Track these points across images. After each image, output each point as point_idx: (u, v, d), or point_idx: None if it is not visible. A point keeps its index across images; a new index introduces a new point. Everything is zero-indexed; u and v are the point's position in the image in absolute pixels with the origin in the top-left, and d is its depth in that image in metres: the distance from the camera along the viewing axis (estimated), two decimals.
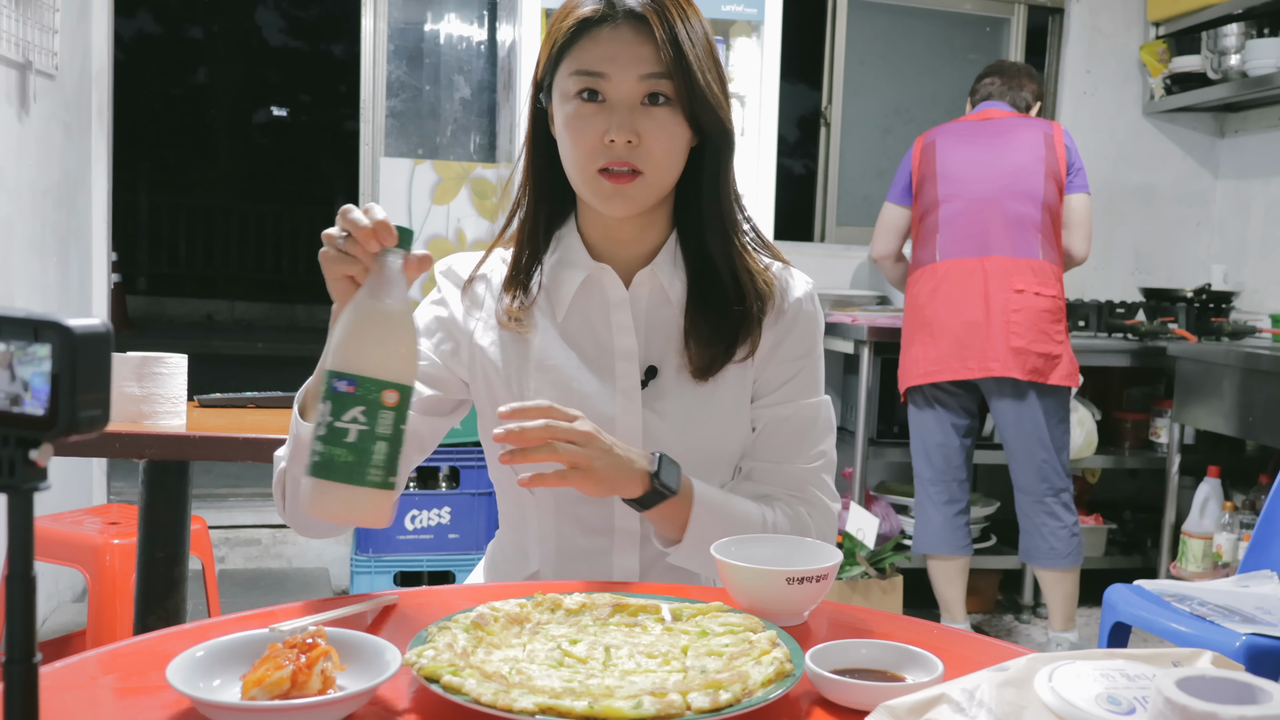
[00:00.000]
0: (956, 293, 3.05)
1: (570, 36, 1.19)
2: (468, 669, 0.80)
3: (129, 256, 11.34)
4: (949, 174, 3.12)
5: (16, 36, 2.73)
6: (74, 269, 3.33)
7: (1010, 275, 3.02)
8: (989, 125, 3.17)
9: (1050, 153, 3.10)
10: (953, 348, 3.05)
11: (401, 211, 3.86)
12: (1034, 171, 3.07)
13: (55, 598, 3.34)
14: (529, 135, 1.27)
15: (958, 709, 0.74)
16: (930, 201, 3.16)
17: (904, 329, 3.21)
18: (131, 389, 1.88)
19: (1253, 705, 0.61)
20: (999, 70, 3.29)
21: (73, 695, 0.82)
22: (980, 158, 3.11)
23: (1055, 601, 3.20)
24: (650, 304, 1.27)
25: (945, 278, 3.08)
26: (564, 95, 1.19)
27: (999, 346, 3.00)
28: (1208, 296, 3.68)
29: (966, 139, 3.16)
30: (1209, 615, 1.93)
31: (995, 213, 3.06)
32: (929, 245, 3.14)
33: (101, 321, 0.57)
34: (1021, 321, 3.00)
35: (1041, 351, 3.02)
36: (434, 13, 3.95)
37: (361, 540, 3.46)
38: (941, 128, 3.24)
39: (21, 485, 0.57)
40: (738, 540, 1.08)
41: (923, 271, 3.15)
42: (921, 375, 3.12)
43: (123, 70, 4.31)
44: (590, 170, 1.18)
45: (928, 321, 3.10)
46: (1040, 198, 3.07)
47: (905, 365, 3.17)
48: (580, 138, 1.18)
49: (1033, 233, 3.06)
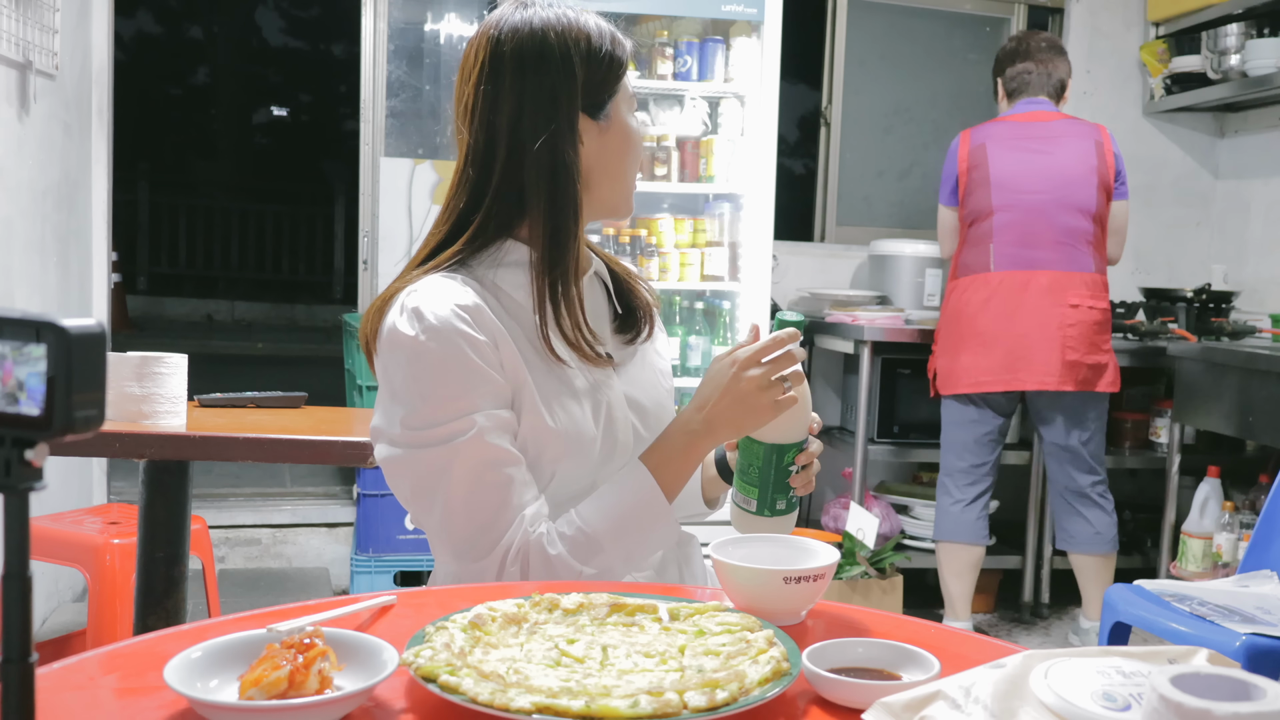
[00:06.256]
0: (1009, 304, 3.07)
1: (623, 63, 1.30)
2: (465, 668, 0.81)
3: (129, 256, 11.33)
4: (1003, 182, 3.11)
5: (16, 36, 2.73)
6: (74, 269, 3.33)
7: (1064, 290, 3.06)
8: (1038, 128, 3.15)
9: (1101, 162, 3.12)
10: (1005, 359, 3.08)
11: (401, 211, 3.86)
12: (1087, 182, 3.09)
13: (55, 598, 3.34)
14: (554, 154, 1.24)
15: (954, 705, 0.74)
16: (982, 208, 3.14)
17: (948, 334, 3.20)
18: (131, 389, 1.88)
19: (1247, 702, 0.62)
20: (1027, 52, 3.21)
21: (72, 695, 0.82)
22: (1032, 164, 3.10)
23: (1093, 589, 3.23)
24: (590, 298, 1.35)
25: (998, 289, 3.09)
26: (629, 111, 1.31)
27: (1054, 360, 3.05)
28: (1208, 296, 3.68)
29: (1017, 144, 3.13)
30: (1209, 615, 1.93)
31: (1048, 223, 3.08)
32: (980, 253, 3.14)
33: (97, 322, 0.58)
34: (1076, 335, 3.06)
35: (1091, 363, 3.09)
36: (434, 13, 3.95)
37: (361, 540, 3.47)
38: (988, 128, 3.20)
39: (18, 485, 0.58)
40: (736, 540, 1.08)
41: (973, 280, 3.15)
42: (972, 384, 3.13)
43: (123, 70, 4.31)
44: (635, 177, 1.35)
45: (979, 332, 3.11)
46: (1093, 209, 3.10)
47: (954, 372, 3.17)
48: (639, 150, 1.34)
49: (1084, 245, 3.10)
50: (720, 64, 3.54)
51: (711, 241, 3.65)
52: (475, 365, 1.18)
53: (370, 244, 3.90)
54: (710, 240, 3.66)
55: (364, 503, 3.45)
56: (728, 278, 3.63)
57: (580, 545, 1.19)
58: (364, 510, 3.46)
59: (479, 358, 1.18)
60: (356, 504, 3.53)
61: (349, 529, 3.84)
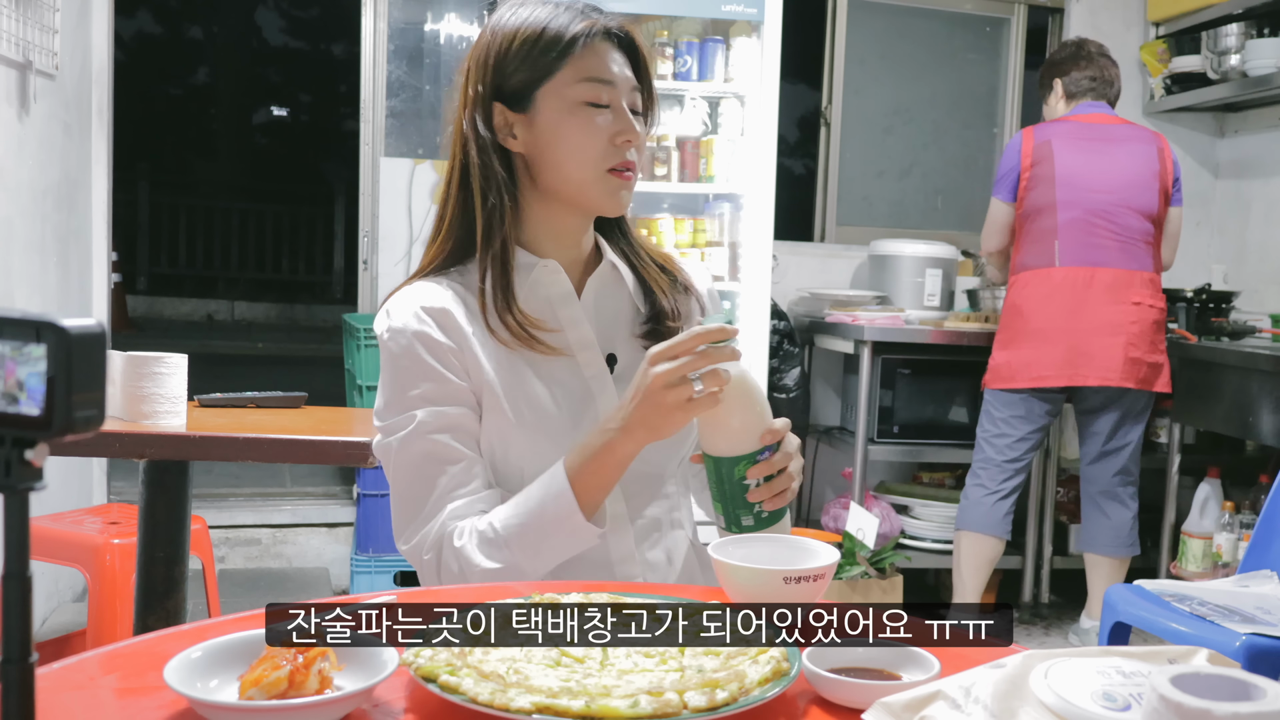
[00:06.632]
0: (1072, 301, 3.09)
1: (567, 47, 1.25)
2: (465, 668, 0.81)
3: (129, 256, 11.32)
4: (1069, 180, 3.13)
5: (16, 36, 2.73)
6: (74, 269, 3.33)
7: (1127, 287, 3.09)
8: (1100, 130, 3.20)
9: (1162, 167, 3.18)
10: (1068, 355, 3.09)
11: (401, 211, 3.86)
12: (1149, 186, 3.15)
13: (55, 598, 3.34)
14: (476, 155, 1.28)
15: (954, 705, 0.74)
16: (1045, 204, 3.15)
17: (1007, 329, 3.21)
18: (131, 389, 1.88)
19: (1247, 702, 0.62)
20: (1090, 57, 3.27)
21: (72, 695, 0.82)
22: (1098, 164, 3.14)
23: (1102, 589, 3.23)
24: (600, 297, 1.34)
25: (1062, 284, 3.11)
26: (569, 101, 1.26)
27: (1116, 357, 3.07)
28: (1208, 296, 3.68)
29: (1082, 144, 3.17)
30: (1209, 615, 1.93)
31: (1109, 224, 3.11)
32: (1044, 249, 3.15)
33: (97, 322, 0.58)
34: (1138, 333, 3.09)
35: (1151, 361, 3.12)
36: (434, 13, 3.95)
37: (362, 540, 3.47)
38: (1051, 126, 3.22)
39: (17, 485, 0.57)
40: (736, 540, 1.08)
41: (1034, 275, 3.16)
42: (1032, 379, 3.14)
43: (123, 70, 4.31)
44: (601, 169, 1.27)
45: (1041, 327, 3.12)
46: (1154, 212, 3.16)
47: (1012, 366, 3.17)
48: (594, 140, 1.26)
49: (1144, 245, 3.14)
50: (720, 64, 3.54)
51: (711, 241, 3.65)
52: (427, 365, 1.24)
53: (370, 244, 3.90)
54: (710, 240, 3.66)
55: (364, 503, 3.45)
56: (728, 278, 3.62)
57: (488, 540, 1.20)
58: (364, 510, 3.45)
59: (433, 358, 1.24)
60: (356, 504, 3.53)
61: (349, 529, 3.84)
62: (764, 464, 1.16)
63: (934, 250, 3.79)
